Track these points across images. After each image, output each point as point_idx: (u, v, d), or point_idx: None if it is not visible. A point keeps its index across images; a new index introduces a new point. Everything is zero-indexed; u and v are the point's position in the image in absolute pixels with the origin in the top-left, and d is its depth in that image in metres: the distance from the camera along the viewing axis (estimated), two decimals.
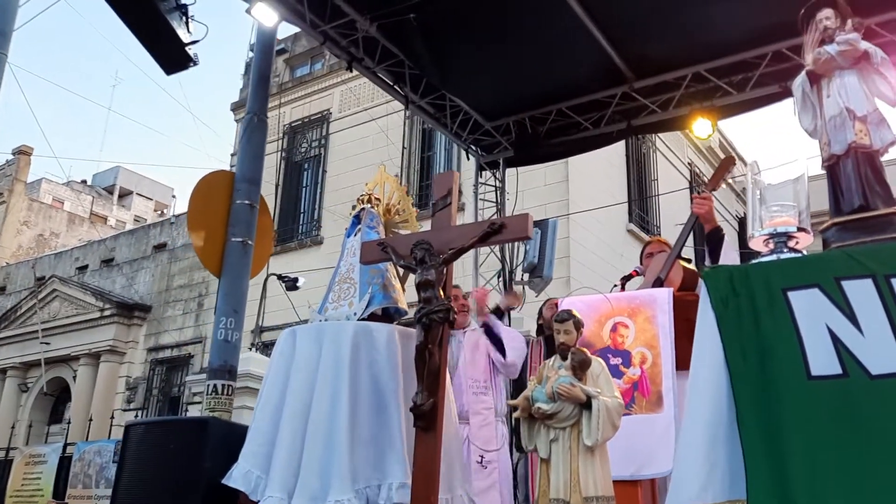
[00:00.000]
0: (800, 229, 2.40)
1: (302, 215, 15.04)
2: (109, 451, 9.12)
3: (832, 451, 1.99)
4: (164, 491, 2.99)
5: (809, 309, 2.13)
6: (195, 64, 4.30)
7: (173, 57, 4.33)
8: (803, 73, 2.50)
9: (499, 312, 4.80)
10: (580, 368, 2.60)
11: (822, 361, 2.08)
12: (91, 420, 10.83)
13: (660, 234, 11.55)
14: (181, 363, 15.71)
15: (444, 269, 2.89)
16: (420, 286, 2.83)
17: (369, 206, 3.54)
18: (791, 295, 2.18)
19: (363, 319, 3.18)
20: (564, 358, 2.70)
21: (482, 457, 4.18)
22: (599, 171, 11.89)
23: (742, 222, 16.84)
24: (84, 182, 35.33)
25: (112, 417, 10.90)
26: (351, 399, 2.87)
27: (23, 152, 21.28)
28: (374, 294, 3.26)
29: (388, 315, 3.36)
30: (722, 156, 17.56)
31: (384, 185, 3.66)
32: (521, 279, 7.52)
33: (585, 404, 2.57)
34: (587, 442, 2.52)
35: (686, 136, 15.73)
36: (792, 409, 2.08)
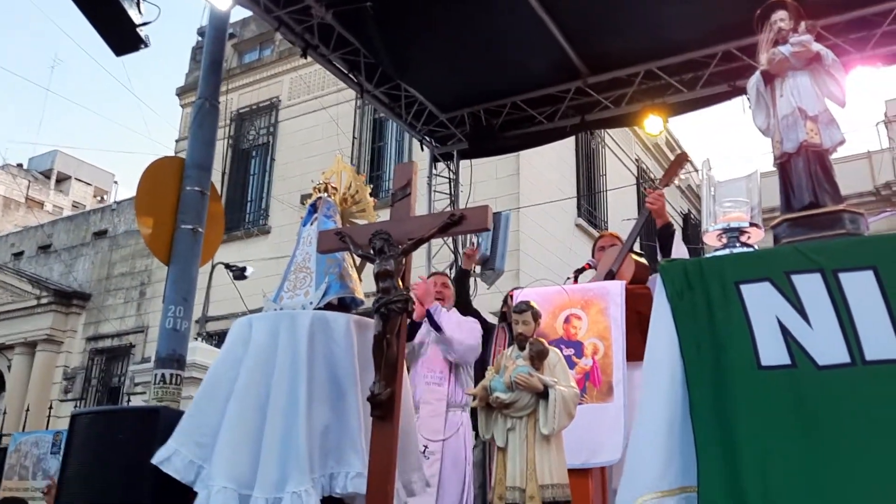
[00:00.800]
0: (752, 224, 2.48)
1: (249, 204, 14.80)
2: (47, 442, 8.86)
3: (781, 438, 2.06)
4: (114, 481, 2.92)
5: (761, 301, 2.21)
6: (146, 46, 4.17)
7: (123, 38, 4.19)
8: (758, 72, 2.57)
9: (464, 274, 4.90)
10: (538, 358, 2.64)
11: (772, 352, 2.15)
12: (28, 410, 10.48)
13: (608, 229, 11.74)
14: (122, 353, 15.30)
15: (403, 260, 2.89)
16: (379, 276, 2.82)
17: (326, 194, 3.51)
18: (743, 288, 2.25)
19: (319, 309, 3.16)
20: (522, 348, 2.73)
21: (425, 447, 4.18)
22: (550, 165, 12.02)
23: (686, 219, 17.27)
24: (20, 166, 34.02)
25: (50, 408, 10.57)
26: (308, 389, 2.85)
27: None
28: (331, 283, 3.24)
29: (345, 305, 3.34)
30: (669, 153, 17.94)
31: (341, 174, 3.62)
32: (473, 271, 7.56)
33: (542, 394, 2.60)
34: (544, 431, 2.55)
35: (634, 132, 16.03)
36: (742, 397, 2.15)
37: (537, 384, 2.58)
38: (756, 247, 2.49)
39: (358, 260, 3.47)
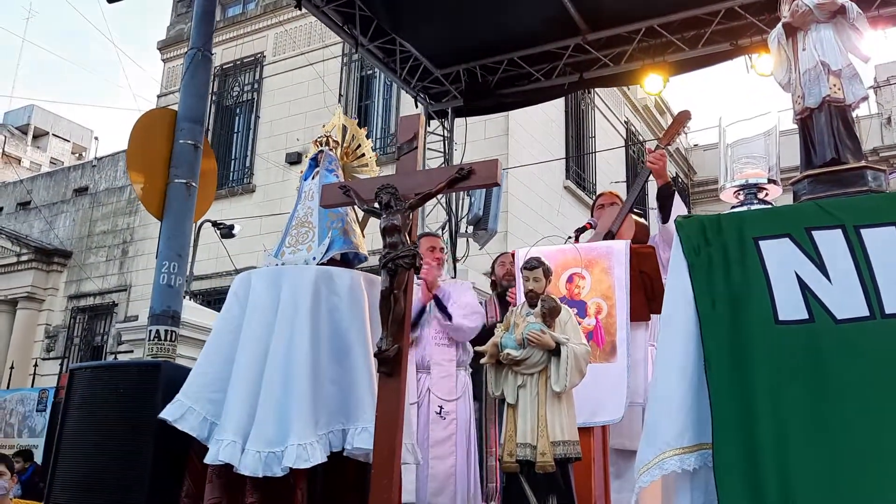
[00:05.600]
0: (770, 181, 2.45)
1: (234, 161, 14.58)
2: (33, 399, 8.81)
3: (796, 392, 2.06)
4: (115, 435, 2.88)
5: (780, 257, 2.18)
6: None
7: None
8: (779, 25, 2.51)
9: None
10: (550, 315, 2.61)
11: (790, 307, 2.14)
12: (13, 368, 10.38)
13: (596, 191, 11.71)
14: (104, 312, 15.16)
15: (410, 215, 2.83)
16: (386, 231, 2.76)
17: (327, 148, 3.42)
18: (762, 244, 2.22)
19: (322, 264, 3.10)
20: (533, 305, 2.70)
21: (441, 407, 4.18)
22: (539, 126, 11.92)
23: (674, 182, 17.23)
24: None
25: (35, 365, 10.47)
26: (312, 343, 2.81)
27: None
28: (334, 238, 3.18)
29: (347, 260, 3.29)
30: (658, 116, 17.87)
31: (342, 127, 3.54)
32: (466, 231, 7.52)
33: (554, 351, 2.58)
34: (555, 388, 2.53)
35: (624, 94, 15.92)
36: (759, 352, 2.14)
37: (549, 341, 2.55)
38: (773, 204, 2.46)
39: (360, 215, 3.41)
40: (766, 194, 2.43)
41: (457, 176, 2.81)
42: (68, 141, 35.47)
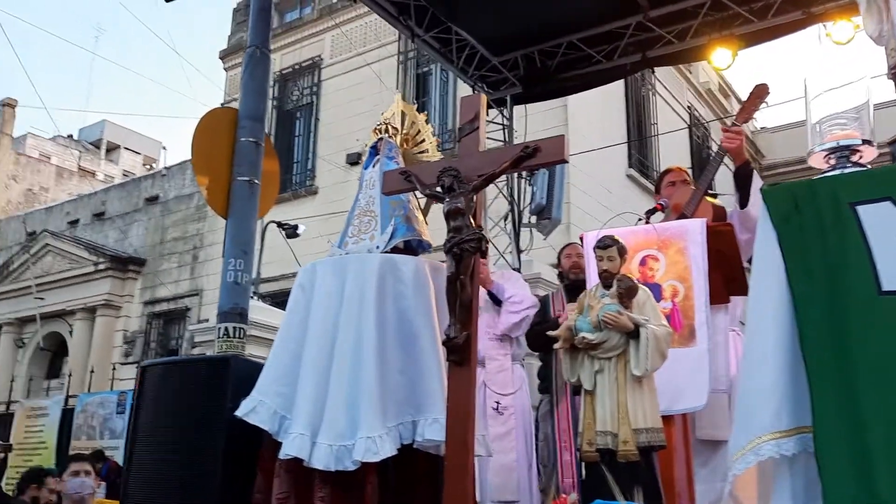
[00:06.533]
0: (864, 142, 2.25)
1: (296, 165, 14.80)
2: (112, 402, 9.08)
3: None
4: (186, 431, 2.87)
5: (880, 223, 2.00)
6: None
7: None
8: None
9: None
10: (627, 296, 2.46)
11: (895, 275, 1.96)
12: (93, 372, 10.74)
13: None
14: (178, 316, 15.60)
15: (474, 197, 2.73)
16: (449, 215, 2.67)
17: (387, 135, 3.35)
18: (860, 209, 2.03)
19: (386, 253, 3.03)
20: (607, 286, 2.56)
21: (498, 402, 4.10)
22: (599, 115, 11.67)
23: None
24: (70, 137, 34.66)
25: (114, 369, 10.81)
26: (378, 332, 2.74)
27: (7, 104, 20.74)
28: (397, 226, 3.10)
29: (411, 248, 3.21)
30: (722, 99, 17.29)
31: (401, 113, 3.46)
32: (529, 221, 7.38)
33: (632, 333, 2.43)
34: (635, 372, 2.39)
35: (686, 78, 15.45)
36: (861, 325, 1.96)
37: (627, 323, 2.41)
38: (869, 167, 2.26)
39: (423, 202, 3.33)
40: (861, 157, 2.23)
41: (522, 154, 2.69)
42: (139, 153, 36.73)
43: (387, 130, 3.36)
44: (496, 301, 4.16)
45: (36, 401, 11.13)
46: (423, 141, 3.45)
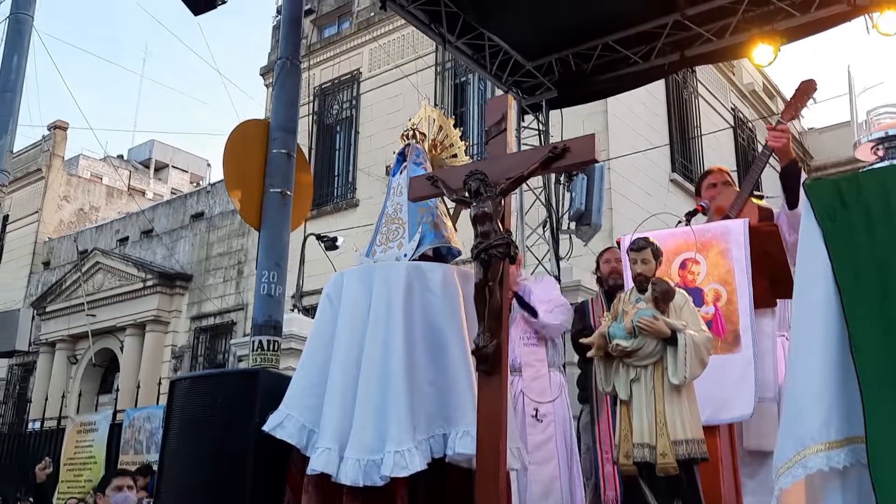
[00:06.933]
0: None
1: (337, 178, 14.90)
2: (158, 416, 9.17)
3: None
4: (215, 444, 2.83)
5: None
6: (223, 2, 4.06)
7: None
8: None
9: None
10: (663, 300, 2.34)
11: None
12: (139, 387, 10.90)
13: None
14: (224, 330, 15.80)
15: (502, 201, 2.65)
16: (476, 219, 2.58)
17: (414, 141, 3.29)
18: None
19: (414, 260, 2.96)
20: (642, 290, 2.44)
21: (537, 410, 4.00)
22: (640, 119, 11.47)
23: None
24: (120, 157, 35.64)
25: (159, 384, 10.96)
26: (406, 342, 2.67)
27: (58, 127, 21.38)
28: (425, 233, 3.03)
29: (440, 256, 3.14)
30: (767, 100, 16.85)
31: (429, 119, 3.40)
32: (569, 228, 7.24)
33: (669, 339, 2.31)
34: (673, 380, 2.27)
35: (728, 79, 15.11)
36: None
37: (664, 328, 2.29)
38: None
39: (452, 207, 3.26)
40: None
41: (551, 155, 2.60)
42: (186, 171, 37.56)
43: (414, 136, 3.30)
44: (523, 304, 4.07)
45: (85, 416, 11.35)
46: (452, 146, 3.38)
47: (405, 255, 2.99)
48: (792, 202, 3.39)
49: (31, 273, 20.52)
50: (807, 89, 3.51)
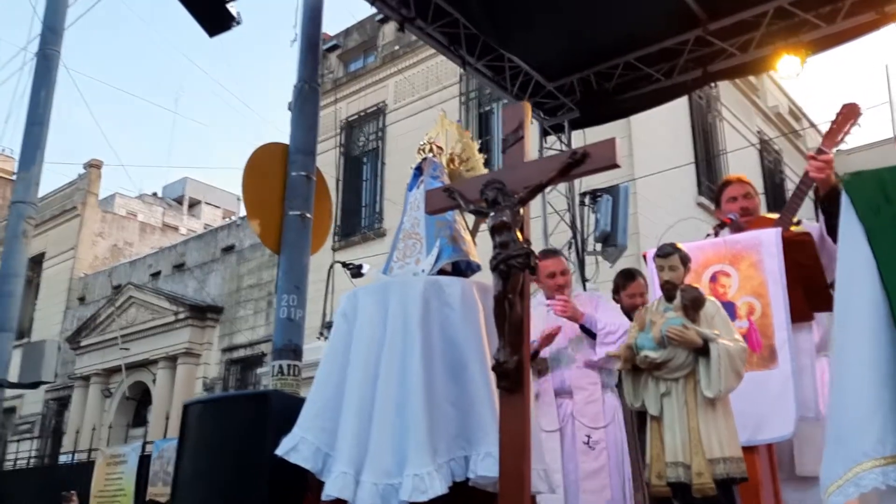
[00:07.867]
0: None
1: (364, 209, 14.95)
2: None
3: None
4: (229, 470, 2.73)
5: None
6: (238, 23, 4.05)
7: (215, 16, 4.09)
8: None
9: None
10: (692, 308, 2.20)
11: None
12: (168, 419, 10.87)
13: None
14: (255, 361, 15.80)
15: (521, 210, 2.54)
16: (494, 230, 2.48)
17: (431, 155, 3.21)
18: None
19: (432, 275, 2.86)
20: (670, 299, 2.31)
21: (589, 437, 3.74)
22: (665, 143, 11.35)
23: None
24: (155, 194, 36.32)
25: None
26: (425, 360, 2.55)
27: (93, 165, 21.85)
28: (443, 248, 2.93)
29: (459, 271, 3.03)
30: (794, 122, 16.55)
31: (446, 132, 3.32)
32: (594, 249, 7.09)
33: (701, 350, 2.16)
34: (707, 394, 2.11)
35: (753, 102, 14.90)
36: None
37: (695, 338, 2.14)
38: None
39: (471, 222, 3.16)
40: None
41: (570, 161, 2.49)
42: (219, 207, 38.10)
43: (431, 150, 3.22)
44: (590, 334, 3.83)
45: (115, 448, 11.35)
46: (470, 158, 3.29)
47: (423, 271, 2.89)
48: (833, 234, 3.14)
49: (67, 308, 20.82)
50: (850, 114, 3.24)
